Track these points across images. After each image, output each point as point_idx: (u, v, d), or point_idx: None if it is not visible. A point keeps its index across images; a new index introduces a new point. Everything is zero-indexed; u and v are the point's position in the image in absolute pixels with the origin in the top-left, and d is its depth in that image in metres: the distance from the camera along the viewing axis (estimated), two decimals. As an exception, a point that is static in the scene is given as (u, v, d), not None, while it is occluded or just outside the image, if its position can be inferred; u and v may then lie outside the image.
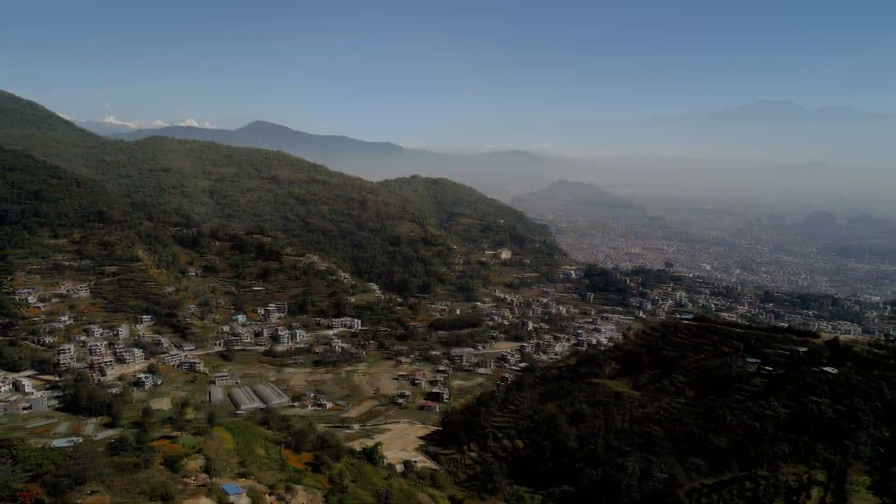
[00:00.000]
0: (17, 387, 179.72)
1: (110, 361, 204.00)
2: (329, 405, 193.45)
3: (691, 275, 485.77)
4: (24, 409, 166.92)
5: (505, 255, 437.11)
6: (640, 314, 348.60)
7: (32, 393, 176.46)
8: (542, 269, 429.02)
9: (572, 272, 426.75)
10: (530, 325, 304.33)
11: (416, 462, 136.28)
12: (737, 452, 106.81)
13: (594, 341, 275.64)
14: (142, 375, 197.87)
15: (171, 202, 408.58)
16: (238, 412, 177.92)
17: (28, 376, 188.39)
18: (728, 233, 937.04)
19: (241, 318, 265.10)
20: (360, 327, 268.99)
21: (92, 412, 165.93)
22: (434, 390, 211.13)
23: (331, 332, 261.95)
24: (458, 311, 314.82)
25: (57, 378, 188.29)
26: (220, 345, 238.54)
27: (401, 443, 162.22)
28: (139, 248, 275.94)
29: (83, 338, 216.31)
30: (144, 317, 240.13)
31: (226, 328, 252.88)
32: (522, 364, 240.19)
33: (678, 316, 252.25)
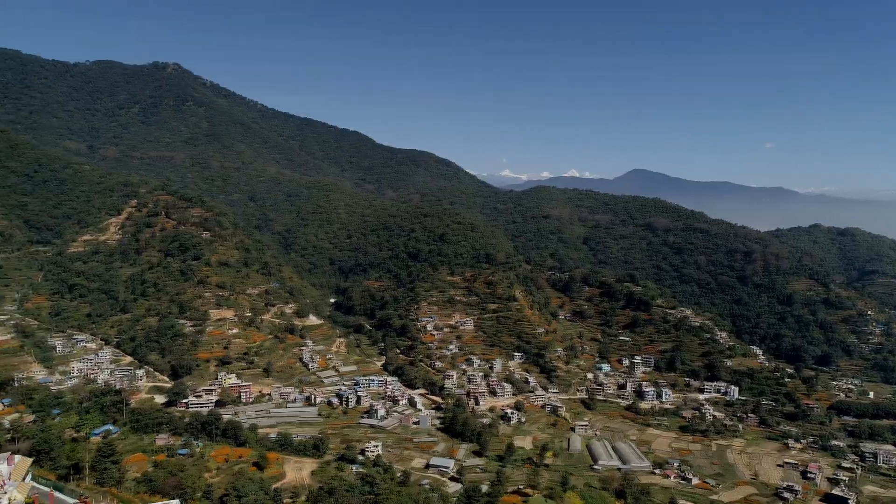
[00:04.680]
0: (411, 402, 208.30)
1: (484, 392, 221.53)
2: (696, 480, 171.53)
3: None
4: (413, 423, 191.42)
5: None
6: None
7: (422, 410, 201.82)
8: None
9: None
10: None
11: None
12: None
13: None
14: (509, 410, 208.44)
15: (549, 247, 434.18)
16: (595, 467, 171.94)
17: (420, 394, 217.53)
18: None
19: (606, 367, 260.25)
20: (737, 396, 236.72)
21: (464, 438, 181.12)
22: (835, 491, 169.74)
23: (701, 397, 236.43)
24: (871, 395, 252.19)
25: (441, 400, 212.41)
26: (582, 391, 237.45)
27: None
28: (517, 288, 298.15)
29: (464, 366, 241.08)
30: (516, 354, 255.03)
31: (589, 375, 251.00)
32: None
33: None
